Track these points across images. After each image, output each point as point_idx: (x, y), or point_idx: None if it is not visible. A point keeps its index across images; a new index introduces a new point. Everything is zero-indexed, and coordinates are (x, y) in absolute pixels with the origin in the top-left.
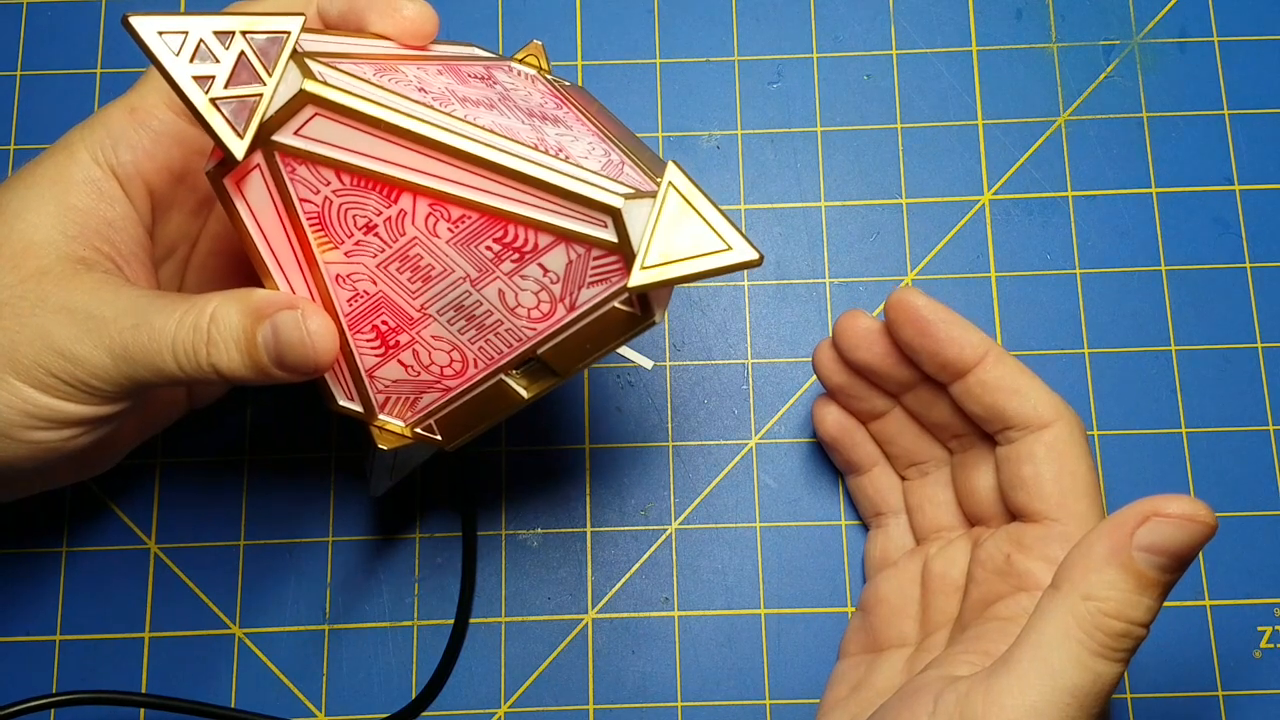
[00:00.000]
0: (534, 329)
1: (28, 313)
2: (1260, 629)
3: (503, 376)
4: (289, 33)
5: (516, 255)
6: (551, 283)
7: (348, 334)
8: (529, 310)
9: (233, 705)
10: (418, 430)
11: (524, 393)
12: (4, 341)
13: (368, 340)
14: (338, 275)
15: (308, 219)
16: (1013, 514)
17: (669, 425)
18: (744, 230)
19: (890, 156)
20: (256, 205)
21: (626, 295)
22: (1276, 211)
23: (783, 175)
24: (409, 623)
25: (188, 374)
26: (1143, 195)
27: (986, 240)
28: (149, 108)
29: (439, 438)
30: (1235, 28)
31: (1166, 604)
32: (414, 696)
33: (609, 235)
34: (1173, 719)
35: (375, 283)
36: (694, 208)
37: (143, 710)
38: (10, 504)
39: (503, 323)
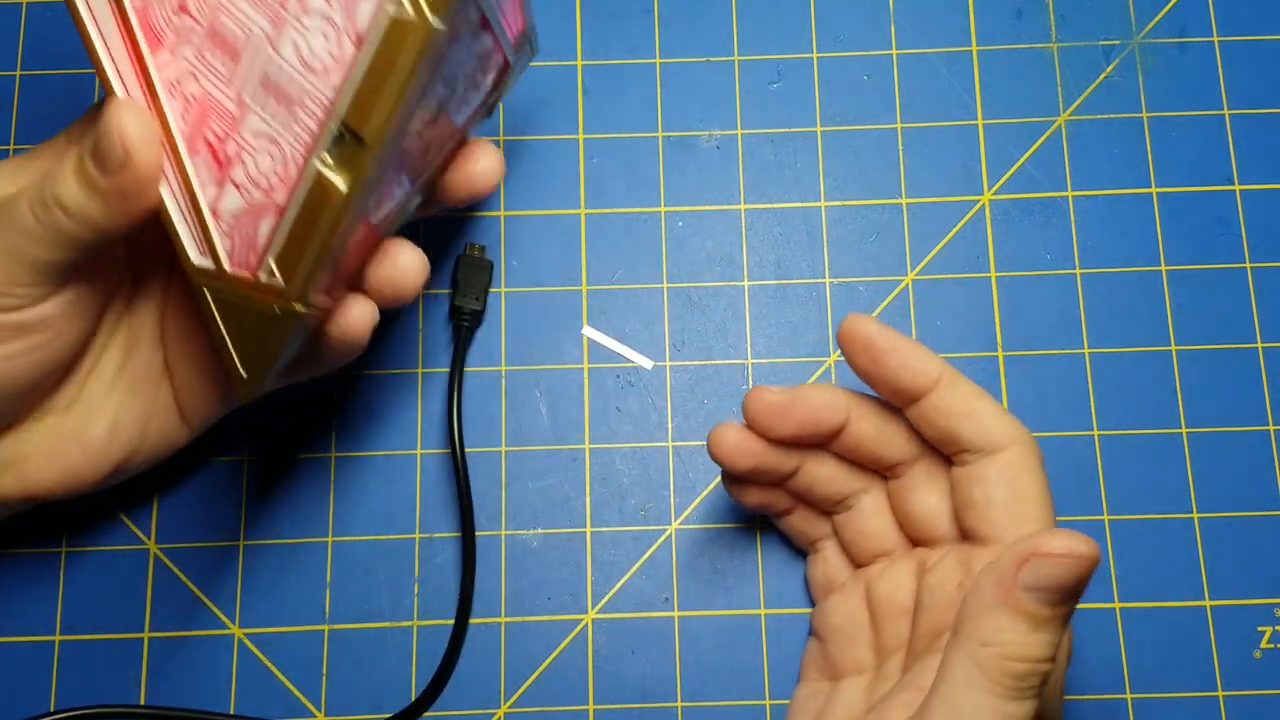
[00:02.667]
0: (331, 82)
1: None
2: (1260, 629)
3: (318, 168)
4: None
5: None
6: (333, 10)
7: (187, 161)
8: (322, 60)
9: (232, 705)
10: (262, 280)
11: (341, 182)
12: None
13: (205, 165)
14: (169, 83)
15: (136, 14)
16: (964, 535)
17: (669, 425)
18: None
19: (890, 156)
20: (97, 8)
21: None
22: (1277, 211)
23: (783, 175)
24: (409, 623)
25: (43, 224)
26: (1143, 195)
27: (986, 240)
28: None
29: (281, 282)
30: (1235, 28)
31: (1166, 604)
32: (414, 697)
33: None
34: (1172, 719)
35: (198, 79)
36: None
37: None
38: None
39: (306, 89)
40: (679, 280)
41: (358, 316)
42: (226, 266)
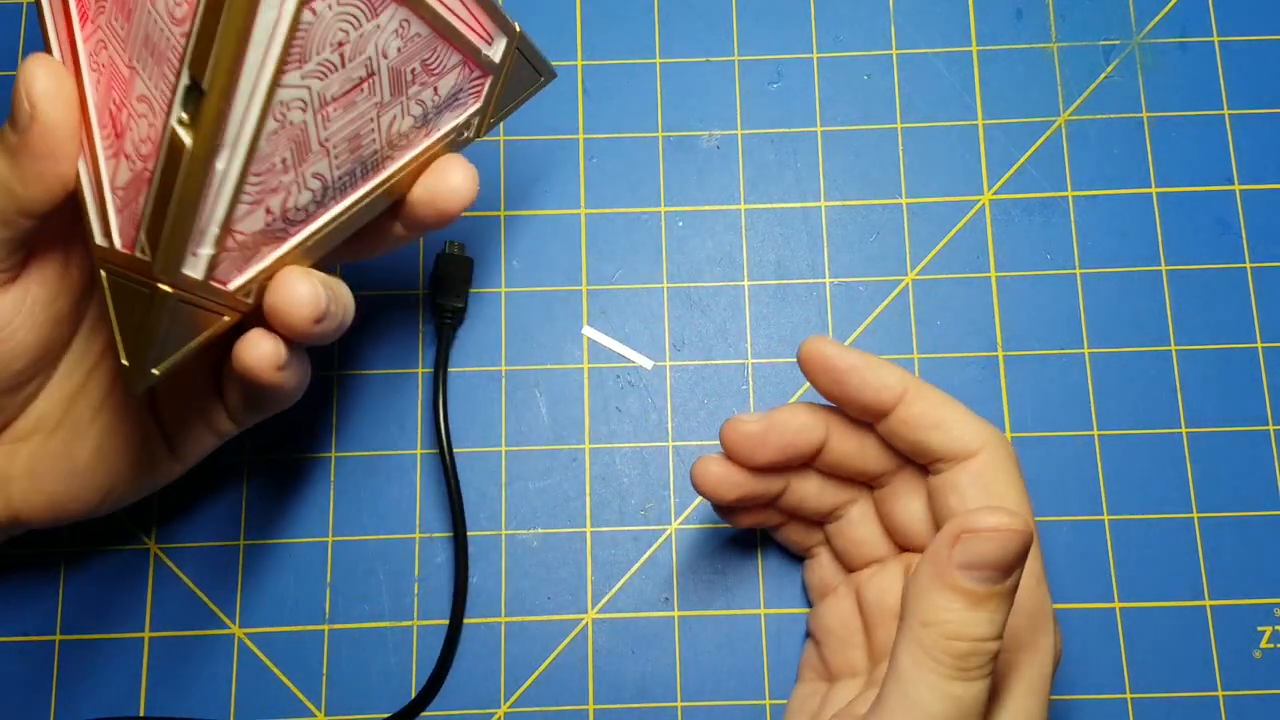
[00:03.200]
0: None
1: None
2: (1260, 629)
3: (171, 124)
4: None
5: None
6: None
7: (96, 133)
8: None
9: (232, 705)
10: (136, 255)
11: (188, 137)
12: None
13: (106, 138)
14: (90, 54)
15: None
16: None
17: (669, 425)
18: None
19: (890, 156)
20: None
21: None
22: (1276, 211)
23: (783, 175)
24: (408, 623)
25: None
26: (1143, 195)
27: (986, 240)
28: None
29: (148, 256)
30: (1235, 28)
31: (1166, 604)
32: (413, 696)
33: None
34: (1172, 719)
35: (106, 47)
36: None
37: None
38: None
39: (170, 42)
40: (679, 280)
41: (258, 353)
42: (117, 244)
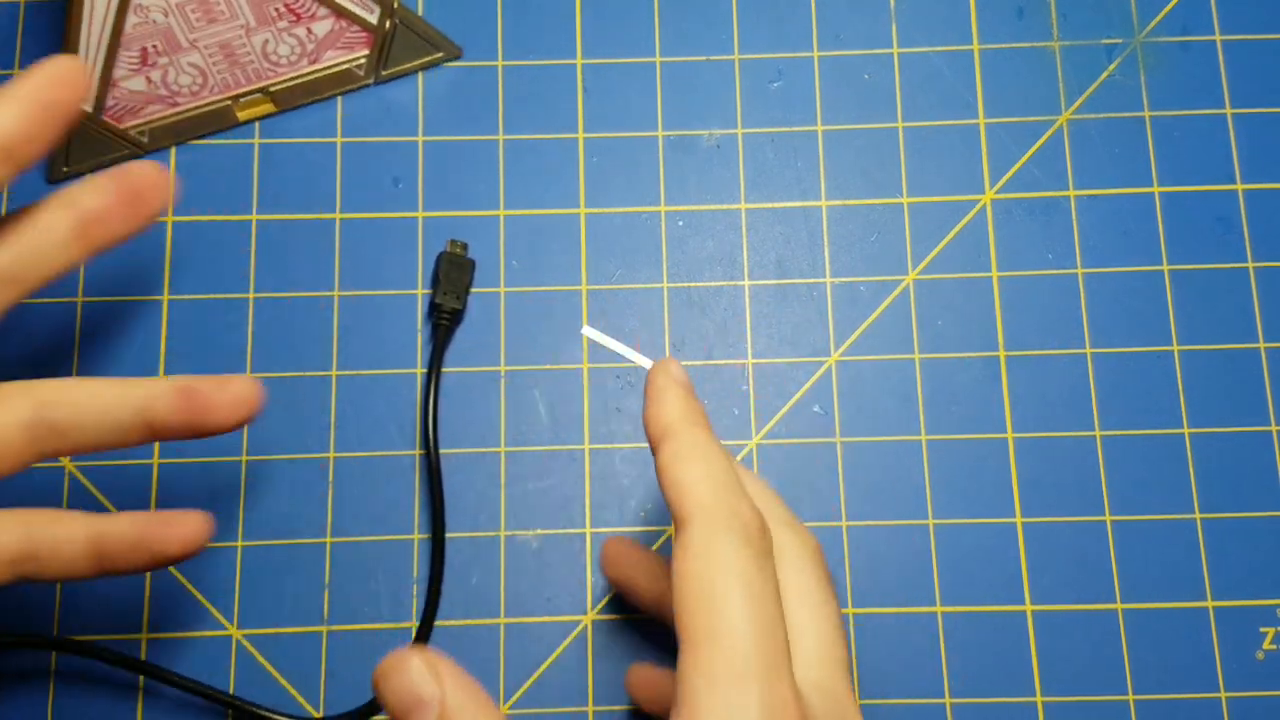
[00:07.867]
0: (276, 72)
1: None
2: (1263, 630)
3: (230, 103)
4: None
5: (295, 17)
6: (309, 42)
7: (119, 48)
8: (281, 59)
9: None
10: (132, 134)
11: (240, 115)
12: None
13: (131, 57)
14: (137, 5)
15: None
16: None
17: None
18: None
19: (891, 156)
20: None
21: (361, 62)
22: (1279, 211)
23: (783, 175)
24: (407, 624)
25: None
26: (1145, 195)
27: (988, 240)
28: None
29: (146, 141)
30: (1237, 26)
31: (1168, 605)
32: None
33: (372, 19)
34: None
35: (167, 15)
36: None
37: (142, 681)
38: None
39: (254, 64)
40: (679, 280)
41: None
42: (102, 115)
